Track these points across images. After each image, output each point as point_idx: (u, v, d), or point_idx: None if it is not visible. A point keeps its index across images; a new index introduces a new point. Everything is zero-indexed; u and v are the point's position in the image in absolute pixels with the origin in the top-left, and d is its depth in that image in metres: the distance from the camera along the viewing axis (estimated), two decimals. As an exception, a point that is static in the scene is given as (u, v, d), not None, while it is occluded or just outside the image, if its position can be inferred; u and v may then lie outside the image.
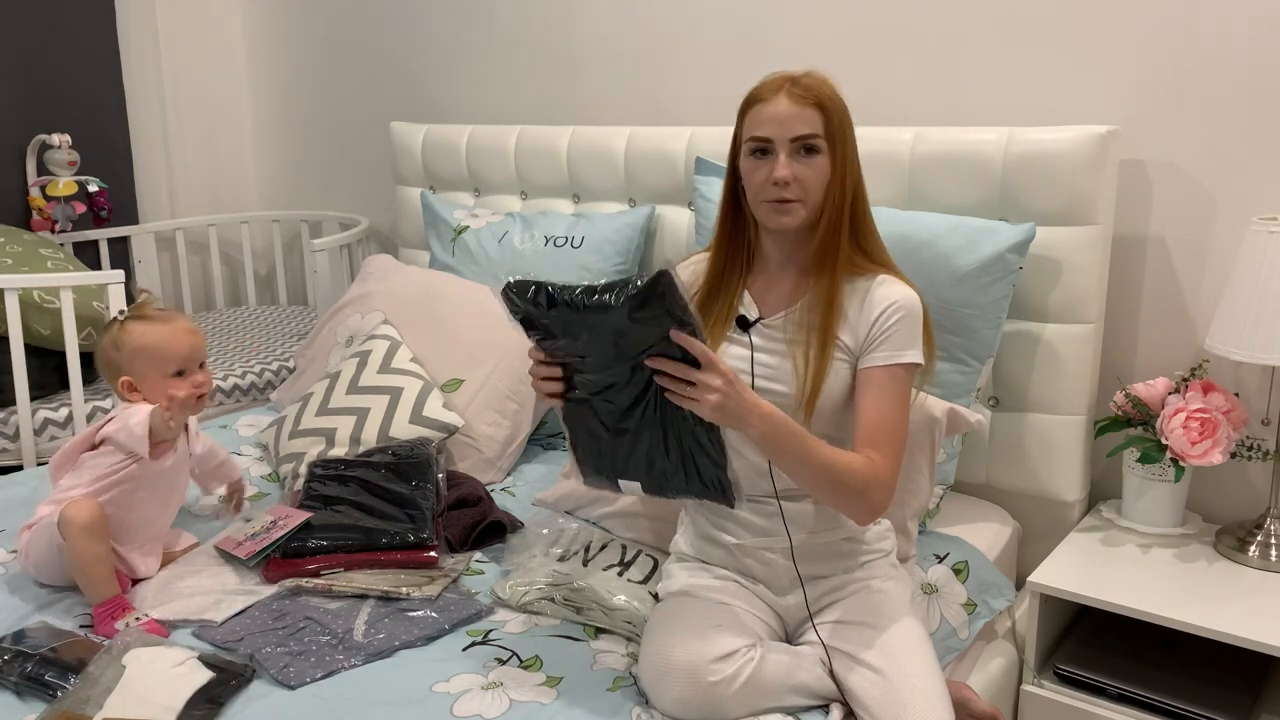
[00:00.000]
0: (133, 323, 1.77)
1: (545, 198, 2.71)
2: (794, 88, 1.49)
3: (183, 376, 1.76)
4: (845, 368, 1.53)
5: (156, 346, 1.74)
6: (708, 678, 1.37)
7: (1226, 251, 2.02)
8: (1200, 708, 1.73)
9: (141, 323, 1.77)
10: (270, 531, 1.79)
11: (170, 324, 1.78)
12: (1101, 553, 1.95)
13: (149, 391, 1.74)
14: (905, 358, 1.50)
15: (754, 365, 1.56)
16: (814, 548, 1.57)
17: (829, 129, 1.49)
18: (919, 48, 2.28)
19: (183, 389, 1.75)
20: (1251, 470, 2.05)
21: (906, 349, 1.50)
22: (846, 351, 1.53)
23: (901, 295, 1.51)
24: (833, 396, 1.52)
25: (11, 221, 3.08)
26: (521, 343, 1.36)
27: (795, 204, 1.51)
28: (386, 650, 1.54)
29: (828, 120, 1.49)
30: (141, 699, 1.37)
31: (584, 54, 2.80)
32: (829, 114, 1.49)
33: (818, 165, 1.50)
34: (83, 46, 3.27)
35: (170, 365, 1.74)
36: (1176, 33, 2.00)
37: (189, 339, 1.78)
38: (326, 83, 3.44)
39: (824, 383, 1.51)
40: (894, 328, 1.50)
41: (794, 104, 1.48)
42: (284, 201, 3.67)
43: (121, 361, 1.74)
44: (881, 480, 1.45)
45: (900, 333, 1.50)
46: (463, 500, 1.95)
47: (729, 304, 1.60)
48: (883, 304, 1.51)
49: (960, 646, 1.77)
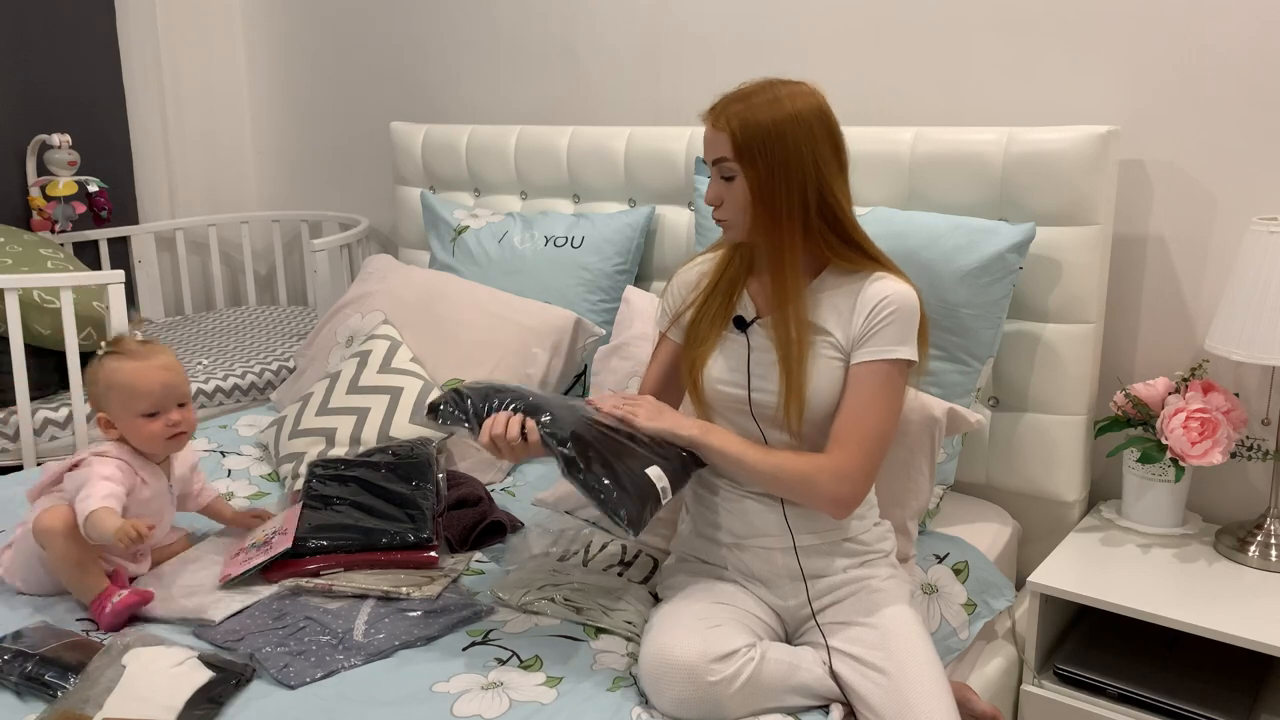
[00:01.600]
0: (109, 358, 1.71)
1: (545, 198, 2.72)
2: (715, 112, 1.53)
3: (155, 417, 1.69)
4: (837, 366, 1.53)
5: (128, 385, 1.68)
6: (707, 677, 1.37)
7: (1226, 251, 2.02)
8: (1200, 708, 1.73)
9: (116, 358, 1.70)
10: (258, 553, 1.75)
11: (146, 360, 1.70)
12: (1101, 553, 1.95)
13: (124, 430, 1.70)
14: (893, 354, 1.50)
15: (750, 364, 1.56)
16: (815, 547, 1.57)
17: (738, 152, 1.49)
18: (919, 48, 2.28)
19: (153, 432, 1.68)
20: (1251, 470, 2.05)
21: (895, 345, 1.50)
22: (838, 349, 1.53)
23: (894, 291, 1.51)
24: (831, 394, 1.52)
25: (11, 221, 3.08)
26: (522, 342, 1.38)
27: (725, 222, 1.55)
28: (386, 650, 1.54)
29: (736, 144, 1.49)
30: (141, 699, 1.37)
31: (584, 54, 2.80)
32: (736, 136, 1.48)
33: (734, 190, 1.52)
34: (83, 46, 3.27)
35: (140, 404, 1.67)
36: (1176, 33, 2.00)
37: (163, 376, 1.70)
38: (326, 83, 3.44)
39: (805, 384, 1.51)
40: (884, 322, 1.50)
41: (711, 129, 1.53)
42: (284, 201, 3.67)
43: (96, 397, 1.70)
44: (833, 473, 1.47)
45: (890, 328, 1.50)
46: (463, 500, 1.95)
47: (727, 302, 1.61)
48: (875, 300, 1.51)
49: (960, 647, 1.77)
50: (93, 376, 1.71)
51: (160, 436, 1.70)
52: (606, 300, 2.40)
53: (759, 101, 1.50)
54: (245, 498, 2.12)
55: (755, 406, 1.56)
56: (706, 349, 1.61)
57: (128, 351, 1.72)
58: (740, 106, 1.50)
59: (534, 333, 2.27)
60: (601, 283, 2.41)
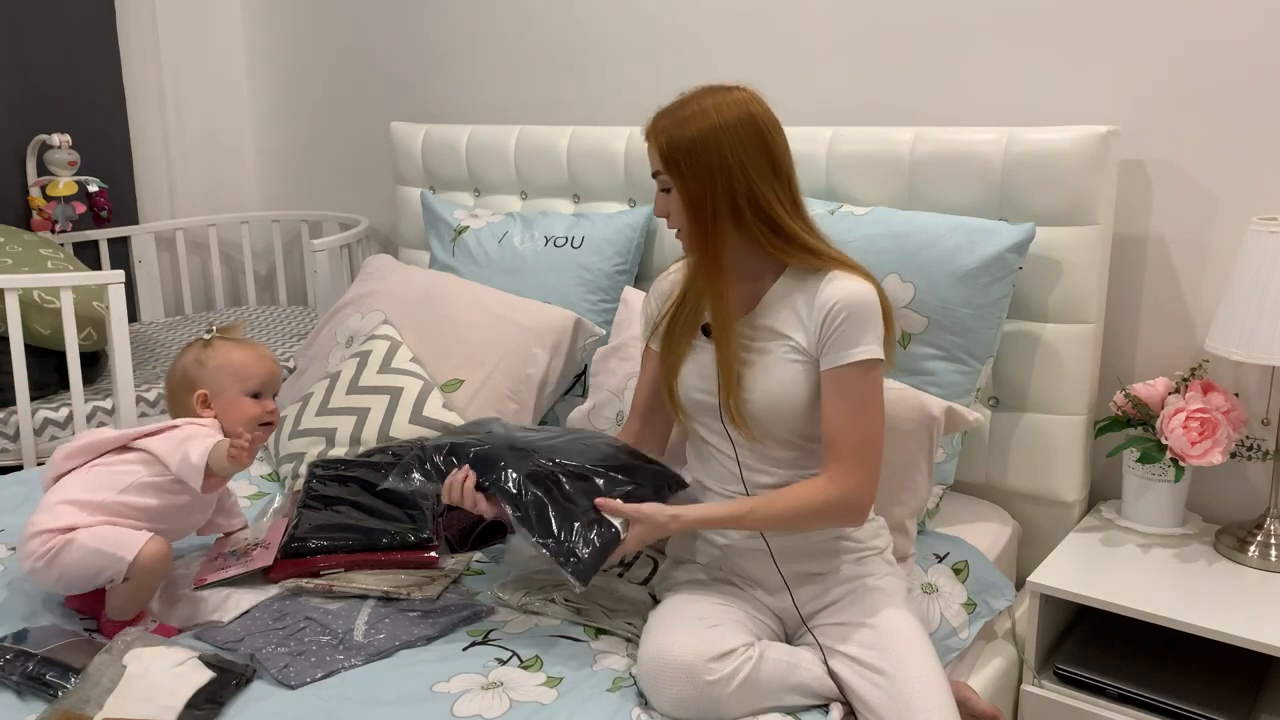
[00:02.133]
0: (221, 343, 1.79)
1: (545, 198, 2.72)
2: (648, 127, 1.55)
3: (257, 399, 1.77)
4: (798, 368, 1.53)
5: (243, 364, 1.76)
6: (705, 677, 1.38)
7: (1226, 251, 2.02)
8: (1200, 708, 1.73)
9: (230, 343, 1.80)
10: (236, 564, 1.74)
11: (256, 349, 1.81)
12: (1101, 553, 1.95)
13: (223, 408, 1.74)
14: (855, 356, 1.49)
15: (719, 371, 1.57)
16: (801, 547, 1.57)
17: (667, 164, 1.52)
18: (919, 48, 2.28)
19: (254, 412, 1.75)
20: (1251, 470, 2.05)
21: (855, 346, 1.49)
22: (800, 351, 1.54)
23: (845, 292, 1.50)
24: (791, 394, 1.53)
25: (11, 221, 3.08)
26: (522, 342, 1.39)
27: (678, 233, 1.58)
28: (387, 650, 1.54)
29: (664, 157, 1.52)
30: (142, 699, 1.37)
31: (584, 54, 2.80)
32: (664, 151, 1.52)
33: (673, 200, 1.55)
34: (83, 46, 3.27)
35: (251, 383, 1.76)
36: (1176, 33, 2.00)
37: (272, 366, 1.81)
38: (326, 83, 3.44)
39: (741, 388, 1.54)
40: (840, 328, 1.50)
41: (647, 143, 1.56)
42: (284, 201, 3.67)
43: (202, 376, 1.75)
44: (843, 492, 1.49)
45: (846, 332, 1.50)
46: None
47: (696, 311, 1.63)
48: (827, 305, 1.51)
49: (960, 646, 1.77)
50: (199, 358, 1.77)
51: (258, 419, 1.76)
52: (606, 300, 2.40)
53: (686, 115, 1.52)
54: (245, 498, 2.12)
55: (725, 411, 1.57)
56: (678, 357, 1.63)
57: (238, 339, 1.82)
58: (667, 121, 1.53)
59: (534, 333, 2.27)
60: (601, 283, 2.41)
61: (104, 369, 2.72)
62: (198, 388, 1.75)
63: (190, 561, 1.80)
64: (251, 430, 1.74)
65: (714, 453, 1.62)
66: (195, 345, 1.80)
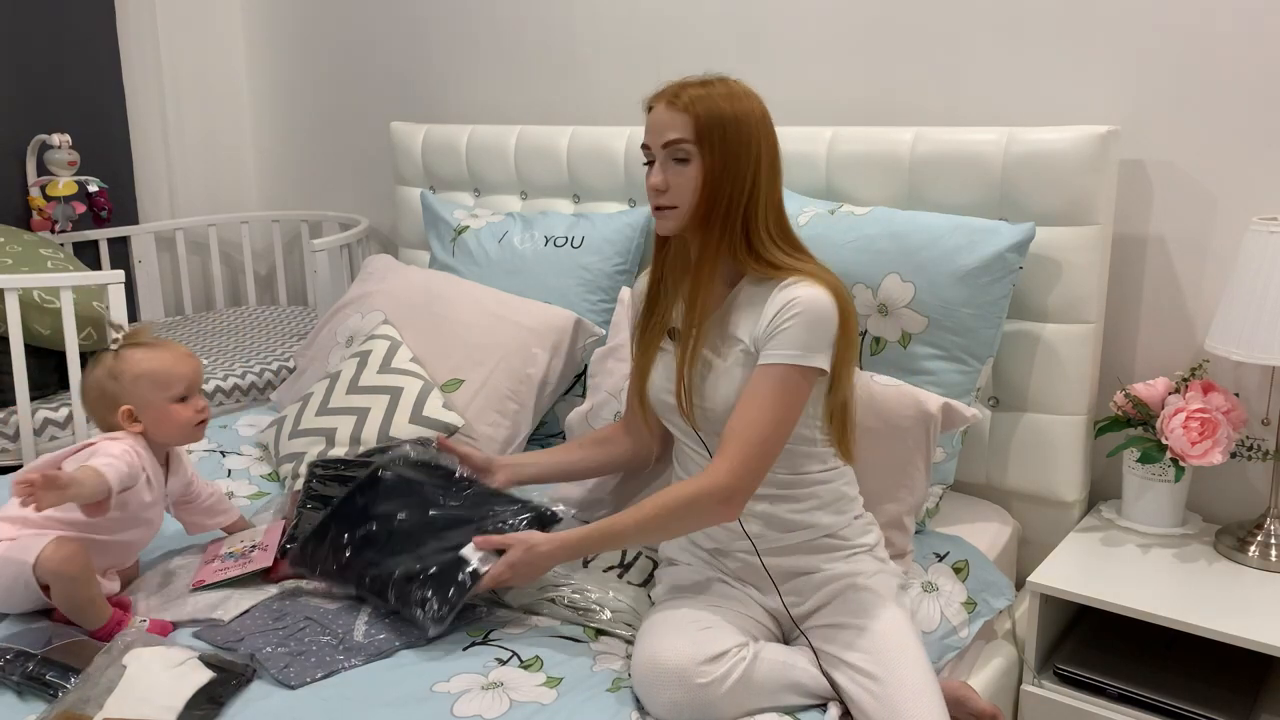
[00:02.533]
0: (131, 349, 1.71)
1: (545, 198, 2.71)
2: (674, 95, 1.51)
3: (185, 403, 1.71)
4: (743, 372, 1.52)
5: (163, 370, 1.69)
6: (697, 679, 1.37)
7: (1226, 251, 2.02)
8: (1200, 708, 1.73)
9: (140, 349, 1.71)
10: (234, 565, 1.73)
11: (171, 350, 1.73)
12: (1101, 553, 1.95)
13: (154, 421, 1.69)
14: (785, 358, 1.46)
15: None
16: (787, 546, 1.57)
17: (699, 135, 1.48)
18: (919, 48, 2.28)
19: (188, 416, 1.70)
20: (1251, 470, 2.05)
21: (798, 350, 1.46)
22: (746, 355, 1.52)
23: (804, 295, 1.47)
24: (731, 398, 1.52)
25: (11, 221, 3.08)
26: (522, 342, 1.40)
27: (669, 210, 1.52)
28: (387, 650, 1.54)
29: (698, 127, 1.47)
30: (142, 699, 1.37)
31: (584, 54, 2.80)
32: (700, 120, 1.47)
33: (686, 174, 1.50)
34: (83, 46, 3.27)
35: (176, 388, 1.70)
36: (1176, 33, 2.00)
37: (192, 363, 1.74)
38: (326, 83, 3.44)
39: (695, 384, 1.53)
40: (784, 326, 1.47)
41: (668, 110, 1.51)
42: (284, 201, 3.67)
43: (120, 390, 1.68)
44: (714, 483, 1.45)
45: (788, 331, 1.46)
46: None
47: (663, 313, 1.63)
48: (781, 303, 1.48)
49: (960, 645, 1.77)
50: (111, 371, 1.69)
51: (191, 422, 1.72)
52: (606, 300, 2.40)
53: (717, 92, 1.49)
54: (245, 497, 2.12)
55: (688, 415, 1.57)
56: (648, 359, 1.64)
57: (148, 342, 1.74)
58: (700, 91, 1.49)
59: (534, 333, 2.27)
60: (601, 283, 2.41)
61: (104, 369, 2.72)
62: (120, 403, 1.68)
63: (188, 561, 1.80)
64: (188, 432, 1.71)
65: (690, 453, 1.63)
66: (104, 357, 1.71)
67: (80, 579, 1.57)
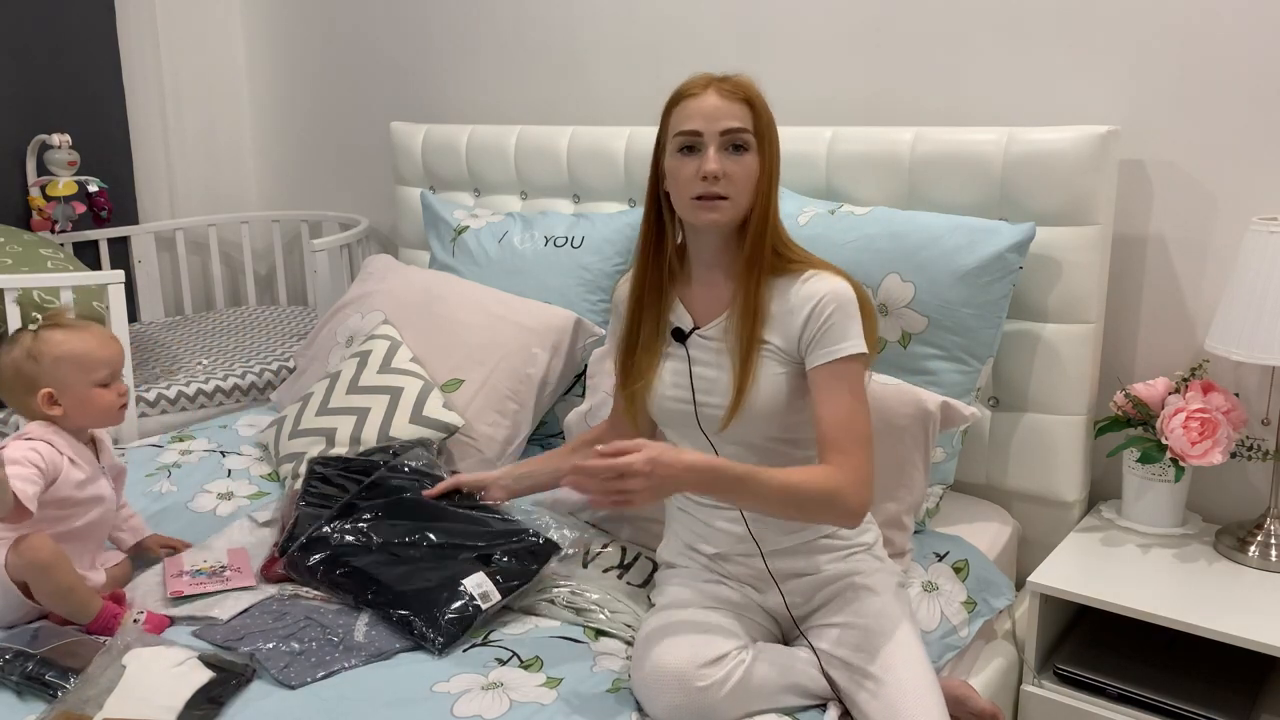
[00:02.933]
0: (50, 330, 1.65)
1: (545, 198, 2.71)
2: (723, 84, 1.50)
3: (107, 387, 1.66)
4: (779, 369, 1.51)
5: (85, 353, 1.64)
6: (696, 683, 1.37)
7: (1226, 251, 2.02)
8: (1200, 708, 1.73)
9: (60, 330, 1.66)
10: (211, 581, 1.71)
11: (93, 332, 1.68)
12: (1101, 553, 1.95)
13: (74, 405, 1.64)
14: (846, 350, 1.47)
15: (693, 379, 1.55)
16: (792, 549, 1.57)
17: (758, 126, 1.49)
18: (919, 48, 2.28)
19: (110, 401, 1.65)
20: (1251, 470, 2.05)
21: (844, 341, 1.47)
22: (779, 353, 1.51)
23: (829, 288, 1.48)
24: (769, 400, 1.50)
25: (11, 221, 3.08)
26: (522, 342, 1.39)
27: (724, 201, 1.48)
28: (387, 650, 1.54)
29: (757, 118, 1.49)
30: (141, 699, 1.37)
31: (584, 54, 2.80)
32: (758, 111, 1.49)
33: (746, 163, 1.48)
34: (83, 46, 3.27)
35: (99, 372, 1.65)
36: (1177, 33, 2.00)
37: (115, 346, 1.69)
38: (326, 83, 3.44)
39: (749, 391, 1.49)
40: (827, 322, 1.47)
41: (723, 99, 1.48)
42: (284, 201, 3.67)
43: (40, 373, 1.62)
44: (852, 482, 1.42)
45: (835, 326, 1.47)
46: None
47: (658, 315, 1.59)
48: (811, 301, 1.48)
49: (960, 645, 1.77)
50: (31, 352, 1.63)
51: (114, 406, 1.67)
52: (606, 300, 2.40)
53: (748, 81, 1.52)
54: (245, 497, 2.12)
55: (703, 420, 1.55)
56: (648, 364, 1.59)
57: (70, 324, 1.68)
58: (742, 81, 1.51)
59: (534, 333, 2.27)
60: (601, 283, 2.41)
61: (104, 369, 2.72)
62: (39, 386, 1.62)
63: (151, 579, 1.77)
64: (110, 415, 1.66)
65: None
66: (22, 337, 1.65)
67: (53, 565, 1.55)
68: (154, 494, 2.10)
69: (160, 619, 1.61)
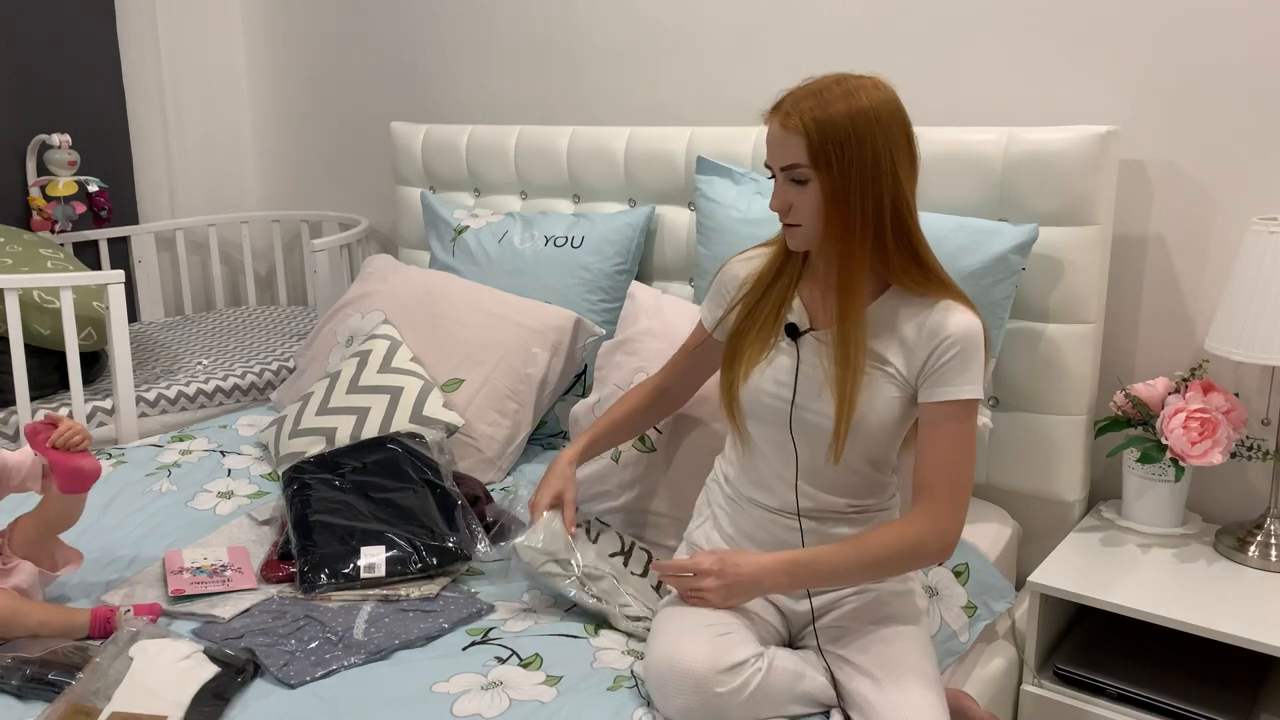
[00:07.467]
0: None
1: (545, 198, 2.72)
2: (784, 110, 1.42)
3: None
4: (894, 391, 1.47)
5: None
6: (715, 689, 1.36)
7: (1226, 251, 2.02)
8: (1200, 708, 1.73)
9: None
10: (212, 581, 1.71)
11: None
12: (1101, 553, 1.95)
13: None
14: (961, 394, 1.43)
15: (798, 378, 1.51)
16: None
17: (814, 156, 1.39)
18: (919, 48, 2.28)
19: None
20: (1251, 470, 2.05)
21: (962, 384, 1.43)
22: (898, 375, 1.47)
23: (959, 326, 1.43)
24: (878, 418, 1.47)
25: (11, 221, 3.08)
26: (522, 342, 1.39)
27: (796, 228, 1.46)
28: (386, 649, 1.54)
29: (811, 147, 1.39)
30: (150, 692, 1.37)
31: (584, 54, 2.80)
32: (813, 140, 1.39)
33: (807, 194, 1.42)
34: (83, 46, 3.27)
35: None
36: (1177, 33, 2.00)
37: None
38: (326, 83, 3.44)
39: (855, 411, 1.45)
40: (950, 363, 1.43)
41: (780, 130, 1.42)
42: (284, 201, 3.67)
43: None
44: (934, 531, 1.43)
45: (955, 367, 1.43)
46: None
47: (777, 308, 1.54)
48: (939, 336, 1.43)
49: (960, 649, 1.77)
50: None
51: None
52: (606, 300, 2.40)
53: (832, 96, 1.39)
54: (245, 496, 2.12)
55: (796, 423, 1.51)
56: (754, 353, 1.54)
57: None
58: (812, 103, 1.39)
59: (534, 333, 2.27)
60: (601, 283, 2.41)
61: (104, 369, 2.72)
62: None
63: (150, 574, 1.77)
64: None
65: (767, 463, 1.56)
66: None
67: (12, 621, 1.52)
68: (154, 493, 2.10)
69: (151, 606, 1.61)
